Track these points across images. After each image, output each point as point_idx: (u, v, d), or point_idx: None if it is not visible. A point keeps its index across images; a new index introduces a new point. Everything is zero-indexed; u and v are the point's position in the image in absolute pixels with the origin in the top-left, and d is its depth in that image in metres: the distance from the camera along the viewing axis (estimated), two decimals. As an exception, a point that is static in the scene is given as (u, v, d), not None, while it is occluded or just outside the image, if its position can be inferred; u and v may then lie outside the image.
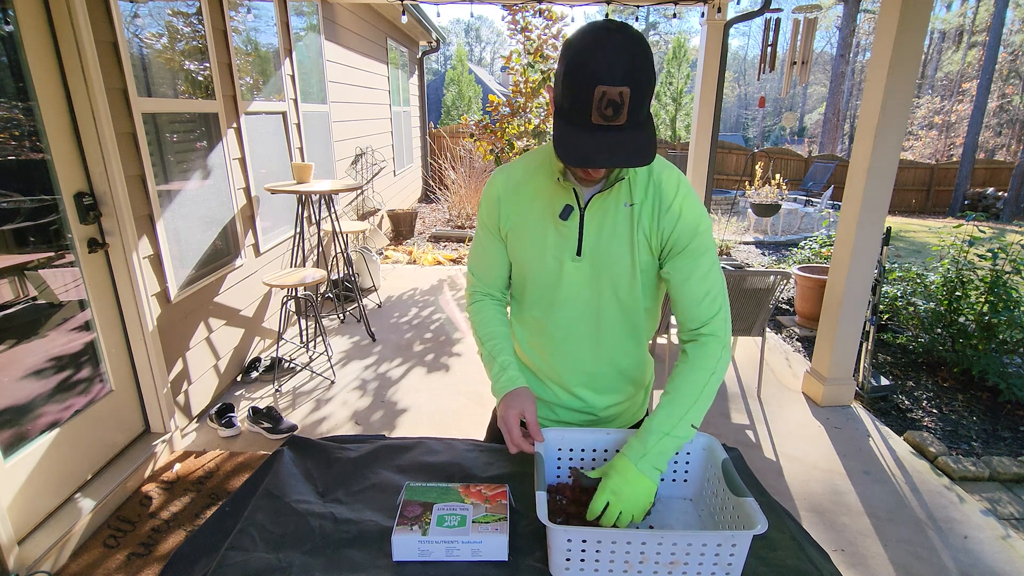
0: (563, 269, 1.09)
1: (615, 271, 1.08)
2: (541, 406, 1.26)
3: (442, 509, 0.95)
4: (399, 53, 7.70)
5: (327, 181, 3.66)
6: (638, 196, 1.05)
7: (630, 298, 1.11)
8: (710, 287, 1.06)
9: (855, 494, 2.41)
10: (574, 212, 1.06)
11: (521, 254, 1.13)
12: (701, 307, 1.06)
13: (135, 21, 2.42)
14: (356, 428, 2.85)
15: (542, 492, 0.90)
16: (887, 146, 2.74)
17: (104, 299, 2.32)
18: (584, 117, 0.87)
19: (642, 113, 0.88)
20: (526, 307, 1.19)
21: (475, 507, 0.95)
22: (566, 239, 1.08)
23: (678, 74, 20.19)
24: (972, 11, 24.16)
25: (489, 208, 1.15)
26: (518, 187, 1.12)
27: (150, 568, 1.91)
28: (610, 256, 1.07)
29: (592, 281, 1.09)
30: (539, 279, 1.13)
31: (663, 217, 1.04)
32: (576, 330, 1.14)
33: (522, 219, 1.11)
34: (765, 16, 4.47)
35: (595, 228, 1.06)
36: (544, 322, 1.16)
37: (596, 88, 0.84)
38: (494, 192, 1.14)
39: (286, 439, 1.26)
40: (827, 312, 3.12)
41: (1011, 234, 9.26)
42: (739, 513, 0.90)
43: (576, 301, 1.11)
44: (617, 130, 0.87)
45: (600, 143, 0.87)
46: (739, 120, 38.69)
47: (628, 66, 0.84)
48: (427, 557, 0.90)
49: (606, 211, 1.06)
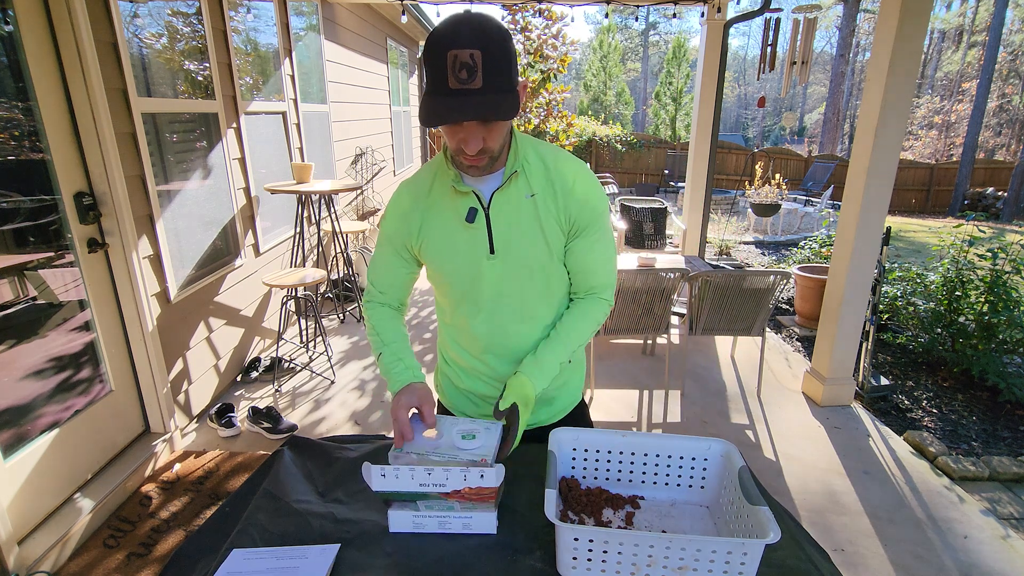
0: (480, 269, 1.11)
1: (530, 261, 1.11)
2: (483, 403, 1.27)
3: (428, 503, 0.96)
4: (399, 53, 7.70)
5: (327, 181, 3.66)
6: (536, 186, 1.09)
7: (552, 286, 1.15)
8: (608, 258, 1.17)
9: (855, 494, 2.42)
10: (479, 213, 1.09)
11: (438, 261, 1.15)
12: (599, 276, 1.17)
13: (135, 21, 2.42)
14: (356, 428, 2.85)
15: (552, 490, 0.90)
16: (887, 146, 2.74)
17: (104, 299, 2.32)
18: (443, 84, 0.90)
19: (502, 80, 0.92)
20: (454, 310, 1.20)
21: (460, 503, 0.96)
22: (477, 240, 1.10)
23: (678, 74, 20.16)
24: (972, 11, 24.15)
25: (398, 225, 1.16)
26: (424, 198, 1.14)
27: (150, 568, 1.91)
28: (523, 248, 1.10)
29: (512, 276, 1.12)
30: (460, 282, 1.14)
31: (568, 200, 1.09)
32: (505, 324, 1.16)
33: (432, 228, 1.13)
34: (765, 16, 4.47)
35: (503, 224, 1.09)
36: (473, 322, 1.17)
37: (448, 53, 0.88)
38: (403, 207, 1.15)
39: (286, 439, 1.26)
40: (827, 312, 3.12)
41: (1011, 234, 9.26)
42: (753, 522, 0.89)
43: (500, 297, 1.14)
44: (475, 93, 0.90)
45: (456, 104, 0.90)
46: (739, 120, 38.69)
47: (479, 32, 0.89)
48: (421, 529, 0.98)
49: (509, 206, 1.09)
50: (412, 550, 0.94)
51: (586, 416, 1.37)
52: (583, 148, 12.76)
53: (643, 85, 36.36)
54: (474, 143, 0.97)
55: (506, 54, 0.92)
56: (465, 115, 0.91)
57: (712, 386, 3.37)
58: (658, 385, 3.37)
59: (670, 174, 12.76)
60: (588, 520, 1.00)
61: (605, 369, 3.55)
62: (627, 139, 13.20)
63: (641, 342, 3.96)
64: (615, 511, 1.03)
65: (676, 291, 3.04)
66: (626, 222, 5.16)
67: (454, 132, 0.99)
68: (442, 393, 1.36)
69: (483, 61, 0.88)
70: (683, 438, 1.06)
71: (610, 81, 23.52)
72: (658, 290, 3.01)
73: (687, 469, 1.07)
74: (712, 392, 3.30)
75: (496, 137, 1.00)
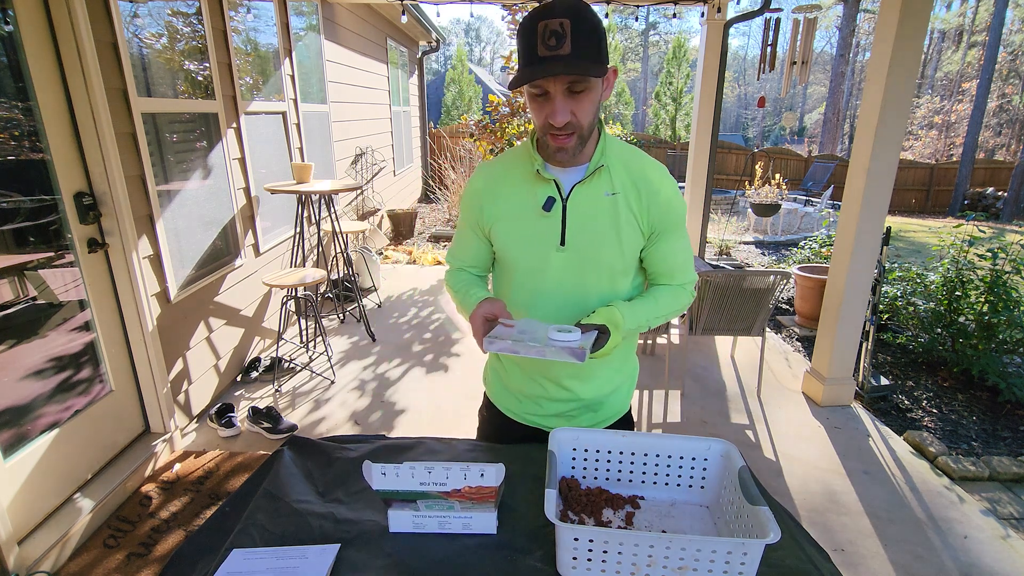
0: (548, 259, 1.12)
1: (600, 259, 1.10)
2: (528, 402, 1.27)
3: (428, 502, 0.96)
4: (399, 53, 7.70)
5: (327, 181, 3.66)
6: (619, 185, 1.09)
7: (616, 285, 1.14)
8: (689, 257, 1.20)
9: (855, 494, 2.42)
10: (556, 203, 1.09)
11: (506, 246, 1.15)
12: (685, 273, 1.20)
13: (135, 21, 2.42)
14: (356, 428, 2.85)
15: (552, 490, 0.90)
16: (887, 146, 2.74)
17: (104, 299, 2.32)
18: (533, 53, 0.93)
19: (591, 49, 0.93)
20: (511, 297, 1.20)
21: (460, 503, 0.96)
22: (550, 230, 1.10)
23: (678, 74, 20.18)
24: (972, 11, 24.16)
25: (470, 203, 1.19)
26: (499, 181, 1.15)
27: (150, 568, 1.91)
28: (595, 244, 1.10)
29: (577, 270, 1.12)
30: (524, 269, 1.15)
31: (652, 201, 1.10)
32: (561, 319, 1.15)
33: (505, 212, 1.14)
34: (765, 16, 4.47)
35: (579, 218, 1.09)
36: (529, 312, 1.17)
37: (539, 23, 0.91)
38: (475, 187, 1.18)
39: (286, 439, 1.26)
40: (827, 312, 3.12)
41: (1011, 234, 9.26)
42: (753, 522, 0.89)
43: (560, 290, 1.14)
44: (563, 58, 0.92)
45: (544, 68, 0.93)
46: (739, 120, 38.68)
47: (570, 4, 0.92)
48: (421, 529, 0.97)
49: (588, 201, 1.09)
50: (412, 550, 0.94)
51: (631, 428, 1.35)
52: (583, 148, 12.76)
53: (643, 85, 36.37)
54: (562, 114, 0.97)
55: (596, 28, 0.94)
56: (553, 71, 0.91)
57: (712, 386, 3.37)
58: (658, 385, 3.37)
59: (670, 174, 12.75)
60: (588, 520, 1.00)
61: (605, 369, 3.55)
62: (627, 139, 13.22)
63: (641, 342, 3.96)
64: (615, 511, 1.03)
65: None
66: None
67: (541, 107, 0.99)
68: (489, 388, 1.36)
69: (572, 29, 0.90)
70: (683, 438, 1.06)
71: (610, 81, 23.50)
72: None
73: (687, 469, 1.07)
74: (712, 392, 3.30)
75: (585, 111, 0.99)
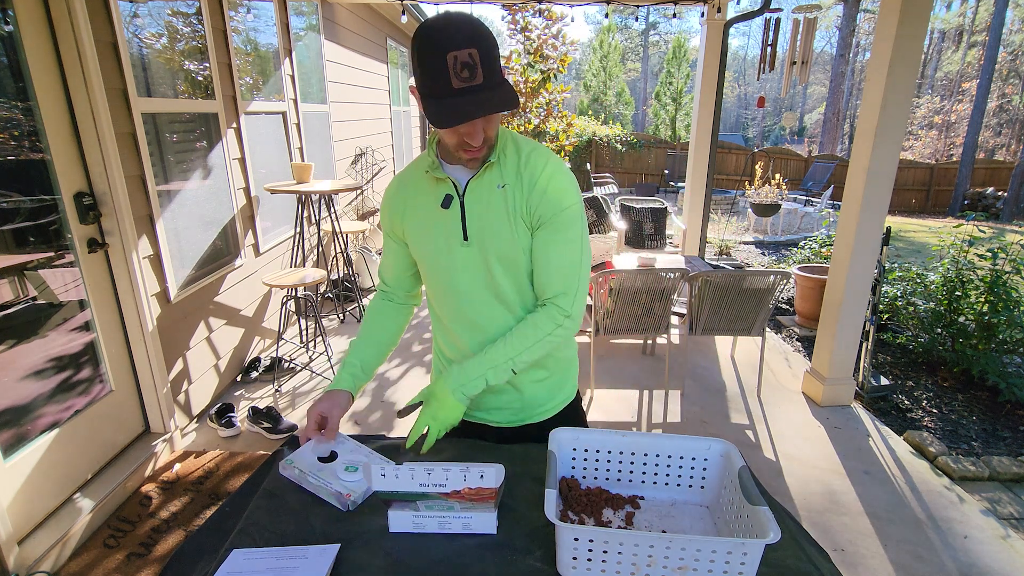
0: (454, 255, 1.15)
1: (501, 251, 1.13)
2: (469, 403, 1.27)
3: (428, 502, 0.96)
4: (399, 53, 7.69)
5: (327, 181, 3.66)
6: (508, 178, 1.11)
7: (521, 275, 1.16)
8: (568, 263, 1.12)
9: (855, 494, 2.42)
10: (454, 200, 1.12)
11: (415, 244, 1.20)
12: (552, 279, 1.12)
13: (135, 21, 2.42)
14: (356, 428, 2.85)
15: (552, 490, 0.90)
16: (887, 146, 2.74)
17: (104, 299, 2.32)
18: (446, 86, 0.94)
19: (496, 75, 0.96)
20: (435, 299, 1.24)
21: (460, 504, 0.96)
22: (452, 226, 1.14)
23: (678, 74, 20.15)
24: (972, 11, 24.15)
25: (385, 210, 1.24)
26: (407, 186, 1.20)
27: (150, 568, 1.91)
28: (493, 237, 1.12)
29: (483, 265, 1.14)
30: (435, 267, 1.19)
31: (531, 194, 1.10)
32: (483, 313, 1.18)
33: (412, 213, 1.19)
34: (765, 16, 4.47)
35: (476, 212, 1.12)
36: (452, 310, 1.20)
37: (447, 55, 0.91)
38: (389, 194, 1.24)
39: (286, 439, 1.26)
40: (827, 312, 3.12)
41: (1011, 234, 9.26)
42: (753, 522, 0.89)
43: (474, 285, 1.16)
44: (479, 89, 0.94)
45: (466, 103, 0.94)
46: (739, 120, 38.67)
47: (470, 31, 0.93)
48: (421, 529, 0.98)
49: (482, 195, 1.12)
50: (412, 550, 0.94)
51: (580, 413, 1.36)
52: (583, 148, 12.76)
53: (643, 85, 36.35)
54: (479, 136, 1.01)
55: (495, 48, 0.97)
56: (482, 110, 0.94)
57: (712, 386, 3.37)
58: (658, 385, 3.37)
59: (670, 174, 12.76)
60: (588, 520, 1.00)
61: (605, 369, 3.55)
62: (627, 139, 13.21)
63: (641, 342, 3.96)
64: (615, 511, 1.03)
65: (676, 291, 3.04)
66: (626, 222, 5.16)
67: (455, 129, 1.01)
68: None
69: (480, 58, 0.93)
70: (683, 438, 1.06)
71: (610, 81, 23.51)
72: (658, 290, 3.01)
73: (687, 469, 1.07)
74: (712, 392, 3.30)
75: (495, 127, 1.06)
